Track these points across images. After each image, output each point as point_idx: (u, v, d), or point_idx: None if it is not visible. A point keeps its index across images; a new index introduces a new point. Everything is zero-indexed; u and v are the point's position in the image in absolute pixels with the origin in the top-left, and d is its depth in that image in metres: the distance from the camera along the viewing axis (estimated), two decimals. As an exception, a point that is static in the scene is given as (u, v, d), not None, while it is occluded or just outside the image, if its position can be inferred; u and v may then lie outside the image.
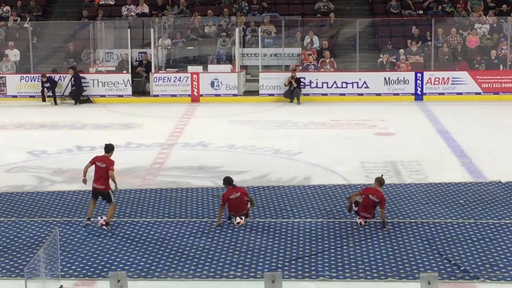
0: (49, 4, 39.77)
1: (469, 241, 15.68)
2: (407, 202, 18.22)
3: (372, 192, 16.70)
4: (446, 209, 17.71)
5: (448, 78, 32.51)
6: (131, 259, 14.95)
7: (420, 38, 34.48)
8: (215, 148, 24.12)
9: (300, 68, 33.54)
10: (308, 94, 32.50)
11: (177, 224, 16.86)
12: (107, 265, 14.64)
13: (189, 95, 32.79)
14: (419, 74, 32.58)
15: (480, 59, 33.35)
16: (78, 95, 32.51)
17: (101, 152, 17.17)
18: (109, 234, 16.32)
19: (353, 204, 16.85)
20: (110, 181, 16.52)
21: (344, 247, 15.43)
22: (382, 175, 17.17)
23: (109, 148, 17.14)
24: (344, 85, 32.66)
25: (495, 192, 18.96)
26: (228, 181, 16.93)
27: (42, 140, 25.43)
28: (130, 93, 33.00)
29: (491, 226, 16.53)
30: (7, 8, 38.02)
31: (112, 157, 16.79)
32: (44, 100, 32.48)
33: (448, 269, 14.26)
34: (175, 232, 16.36)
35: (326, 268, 14.39)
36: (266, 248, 15.45)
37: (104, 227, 16.55)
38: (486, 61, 33.30)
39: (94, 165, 16.72)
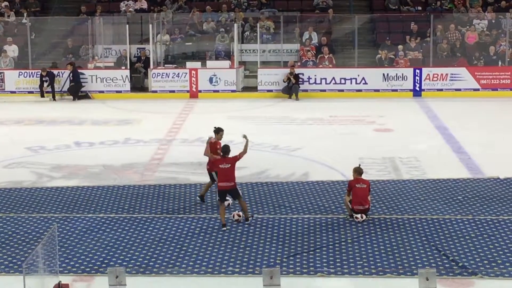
0: (48, 0, 39.71)
1: (467, 237, 15.69)
2: (405, 198, 18.23)
3: (357, 181, 16.74)
4: (444, 205, 17.72)
5: (447, 74, 32.52)
6: (129, 255, 14.96)
7: (418, 34, 34.47)
8: (213, 144, 24.07)
9: (299, 64, 33.53)
10: (306, 90, 32.50)
11: (175, 220, 16.87)
12: (106, 261, 14.65)
13: (188, 91, 32.78)
14: (417, 70, 32.59)
15: (478, 55, 33.36)
16: (77, 91, 32.49)
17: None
18: (108, 230, 16.33)
19: (350, 205, 16.81)
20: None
21: (343, 243, 15.44)
22: (359, 165, 17.17)
23: (217, 131, 17.87)
24: (343, 81, 32.67)
25: (493, 188, 18.97)
26: (224, 149, 16.83)
27: (41, 136, 25.43)
28: (129, 89, 32.98)
29: (489, 222, 16.54)
30: (6, 3, 37.95)
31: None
32: (42, 95, 32.46)
33: (446, 265, 14.28)
34: (174, 228, 16.37)
35: (325, 264, 14.40)
36: (265, 244, 15.45)
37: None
38: (485, 57, 33.32)
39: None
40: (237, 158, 16.77)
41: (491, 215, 17.01)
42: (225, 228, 16.19)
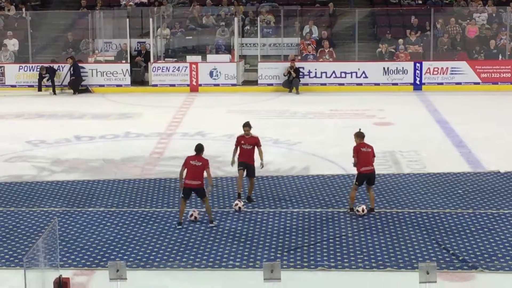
0: (48, -6, 39.71)
1: (467, 231, 15.71)
2: (406, 192, 18.24)
3: (363, 146, 16.79)
4: (445, 199, 17.73)
5: (447, 68, 32.50)
6: (130, 249, 14.98)
7: (419, 28, 34.44)
8: (214, 138, 24.11)
9: (299, 58, 33.51)
10: (307, 84, 32.48)
11: (176, 213, 16.86)
12: (106, 255, 14.67)
13: (188, 85, 32.76)
14: (418, 64, 32.57)
15: (479, 49, 33.34)
16: (77, 85, 32.47)
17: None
18: (108, 223, 16.34)
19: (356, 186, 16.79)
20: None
21: (343, 237, 15.45)
22: (360, 129, 17.13)
23: (243, 125, 17.69)
24: (343, 75, 32.65)
25: (493, 182, 18.98)
26: (197, 148, 16.49)
27: (41, 130, 25.42)
28: (129, 82, 32.97)
29: (490, 216, 16.56)
30: (6, -3, 37.94)
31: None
32: (39, 89, 32.45)
33: (447, 259, 14.29)
34: (174, 222, 16.37)
35: (325, 258, 14.42)
36: (265, 237, 15.47)
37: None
38: (485, 51, 33.29)
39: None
40: (207, 164, 16.26)
41: (492, 209, 17.02)
42: (180, 227, 16.05)
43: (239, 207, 16.95)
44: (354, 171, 17.28)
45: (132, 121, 26.93)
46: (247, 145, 17.59)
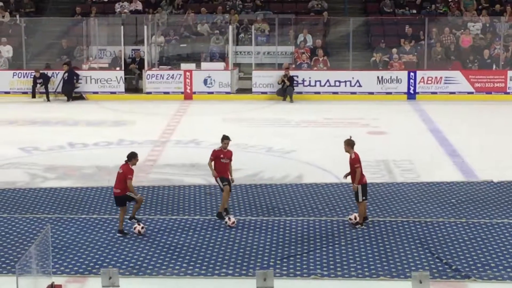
0: (42, 1, 39.66)
1: (460, 240, 15.71)
2: (399, 201, 18.25)
3: (358, 156, 16.46)
4: (438, 208, 17.74)
5: (441, 78, 32.55)
6: (122, 256, 14.95)
7: (413, 37, 34.52)
8: (208, 146, 24.03)
9: (293, 66, 33.55)
10: (301, 93, 32.50)
11: (169, 221, 16.85)
12: (99, 262, 14.63)
13: (182, 93, 32.76)
14: (412, 73, 32.61)
15: (473, 59, 33.41)
16: (71, 92, 32.44)
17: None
18: (101, 231, 16.31)
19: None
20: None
21: (336, 245, 15.44)
22: (350, 137, 16.85)
23: (221, 139, 17.27)
24: (337, 83, 32.68)
25: (486, 191, 19.00)
26: (127, 155, 16.15)
27: (34, 137, 25.37)
28: (123, 90, 32.95)
29: (483, 226, 16.57)
30: (0, 4, 37.85)
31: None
32: (34, 96, 32.43)
33: (440, 268, 14.29)
34: (167, 230, 16.35)
35: (318, 267, 14.40)
36: (258, 246, 15.45)
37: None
38: (479, 60, 33.36)
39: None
40: (128, 173, 15.94)
41: (485, 218, 17.04)
42: (122, 236, 15.94)
43: (233, 221, 16.69)
44: (347, 180, 17.19)
45: (125, 129, 26.90)
46: (225, 159, 17.23)
